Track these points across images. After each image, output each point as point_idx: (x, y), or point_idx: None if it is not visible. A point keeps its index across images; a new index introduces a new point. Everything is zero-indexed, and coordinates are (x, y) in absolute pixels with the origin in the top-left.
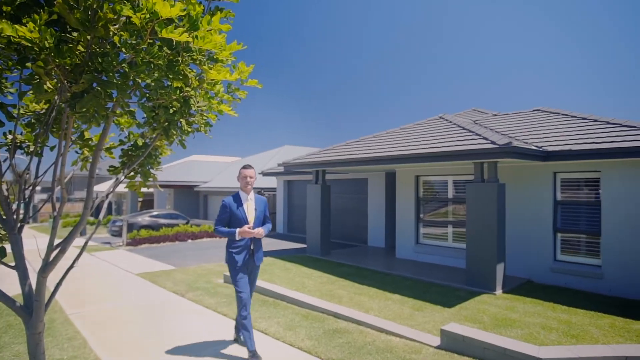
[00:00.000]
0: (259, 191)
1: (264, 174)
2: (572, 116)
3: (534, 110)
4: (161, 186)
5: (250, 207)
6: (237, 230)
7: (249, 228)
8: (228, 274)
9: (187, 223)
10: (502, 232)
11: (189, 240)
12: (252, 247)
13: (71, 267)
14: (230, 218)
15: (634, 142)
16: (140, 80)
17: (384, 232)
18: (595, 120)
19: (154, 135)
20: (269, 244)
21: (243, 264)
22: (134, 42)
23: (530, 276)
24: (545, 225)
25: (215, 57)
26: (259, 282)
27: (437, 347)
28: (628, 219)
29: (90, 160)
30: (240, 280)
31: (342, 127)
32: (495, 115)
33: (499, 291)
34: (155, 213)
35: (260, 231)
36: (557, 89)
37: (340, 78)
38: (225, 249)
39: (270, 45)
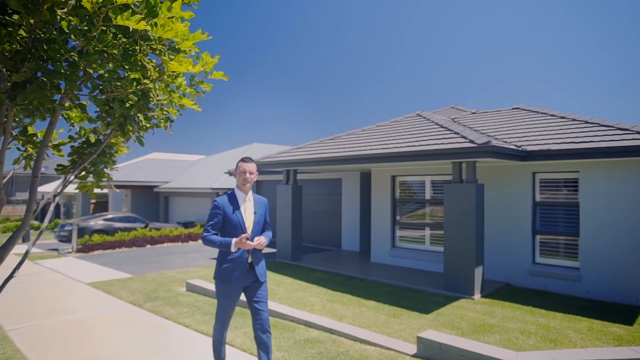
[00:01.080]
0: (225, 192)
1: (231, 173)
2: (552, 115)
3: (513, 109)
4: (117, 187)
5: (248, 210)
6: (234, 240)
7: (247, 238)
8: (192, 281)
9: (145, 227)
10: (481, 235)
11: (148, 246)
12: (249, 260)
13: (10, 277)
14: (223, 223)
15: (612, 142)
16: (92, 71)
17: (358, 235)
18: (574, 120)
19: (108, 131)
20: None
21: (236, 282)
22: (84, 28)
23: (509, 279)
24: (524, 227)
25: (176, 47)
26: None
27: (414, 356)
28: (605, 220)
29: (35, 158)
30: (226, 303)
31: (314, 124)
32: (474, 113)
33: (477, 296)
34: (109, 216)
35: (261, 241)
36: (540, 84)
37: (313, 74)
38: (216, 263)
39: (239, 37)
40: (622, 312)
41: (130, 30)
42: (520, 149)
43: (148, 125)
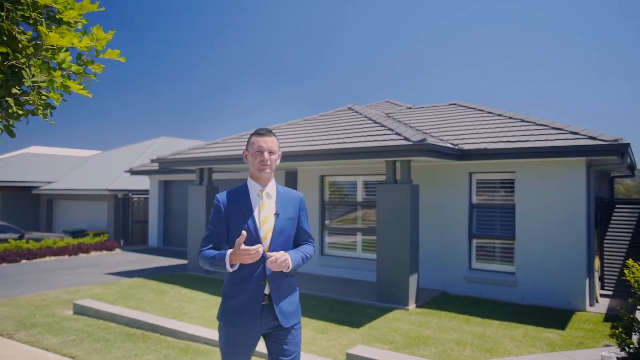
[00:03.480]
0: (124, 195)
1: (133, 172)
2: (489, 112)
3: (450, 104)
4: None
5: (267, 210)
6: (228, 252)
7: (240, 245)
8: (81, 302)
9: (20, 237)
10: (416, 240)
11: (24, 261)
12: (267, 291)
13: None
14: (228, 231)
15: (547, 141)
16: None
17: None
18: (511, 118)
19: None
20: (137, 261)
21: (247, 326)
22: None
23: (445, 287)
24: (460, 231)
25: (58, 16)
26: (122, 311)
27: None
28: (540, 222)
29: None
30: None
31: (232, 117)
32: (410, 108)
33: (412, 306)
34: None
35: (279, 257)
36: (477, 81)
37: (231, 59)
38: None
39: (143, 12)
40: (556, 316)
41: None
42: (456, 147)
43: (20, 112)
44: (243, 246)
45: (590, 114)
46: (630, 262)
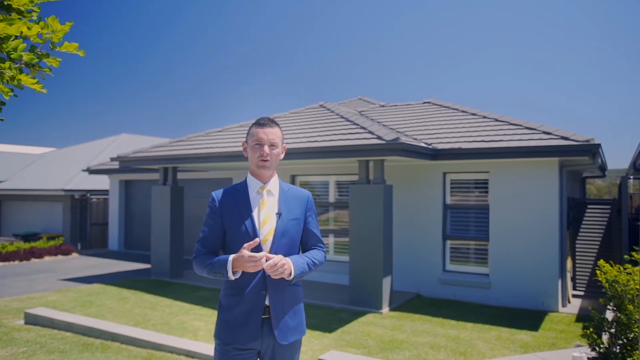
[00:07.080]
0: (82, 196)
1: (91, 171)
2: (463, 111)
3: (424, 103)
4: None
5: (267, 209)
6: (231, 257)
7: (252, 250)
8: (33, 311)
9: None
10: (389, 241)
11: None
12: (267, 301)
13: None
14: (224, 233)
15: (520, 141)
16: None
17: None
18: (485, 117)
19: None
20: (96, 266)
21: (244, 342)
22: None
23: (420, 290)
24: (434, 232)
25: (6, 2)
26: (79, 319)
27: None
28: (514, 223)
29: None
30: None
31: (198, 113)
32: (383, 106)
33: (385, 309)
34: None
35: (282, 263)
36: (450, 78)
37: (197, 55)
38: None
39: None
40: (529, 317)
41: None
42: (430, 147)
43: None
44: (249, 252)
45: (563, 114)
46: (601, 262)
